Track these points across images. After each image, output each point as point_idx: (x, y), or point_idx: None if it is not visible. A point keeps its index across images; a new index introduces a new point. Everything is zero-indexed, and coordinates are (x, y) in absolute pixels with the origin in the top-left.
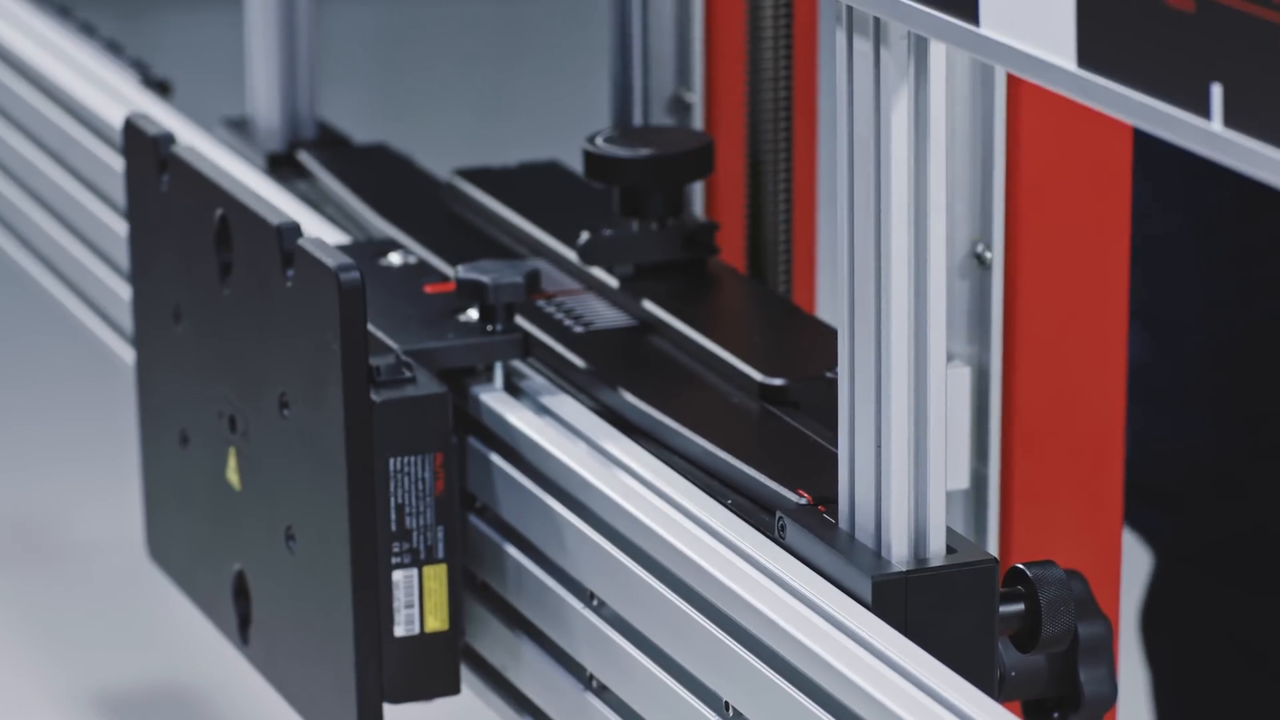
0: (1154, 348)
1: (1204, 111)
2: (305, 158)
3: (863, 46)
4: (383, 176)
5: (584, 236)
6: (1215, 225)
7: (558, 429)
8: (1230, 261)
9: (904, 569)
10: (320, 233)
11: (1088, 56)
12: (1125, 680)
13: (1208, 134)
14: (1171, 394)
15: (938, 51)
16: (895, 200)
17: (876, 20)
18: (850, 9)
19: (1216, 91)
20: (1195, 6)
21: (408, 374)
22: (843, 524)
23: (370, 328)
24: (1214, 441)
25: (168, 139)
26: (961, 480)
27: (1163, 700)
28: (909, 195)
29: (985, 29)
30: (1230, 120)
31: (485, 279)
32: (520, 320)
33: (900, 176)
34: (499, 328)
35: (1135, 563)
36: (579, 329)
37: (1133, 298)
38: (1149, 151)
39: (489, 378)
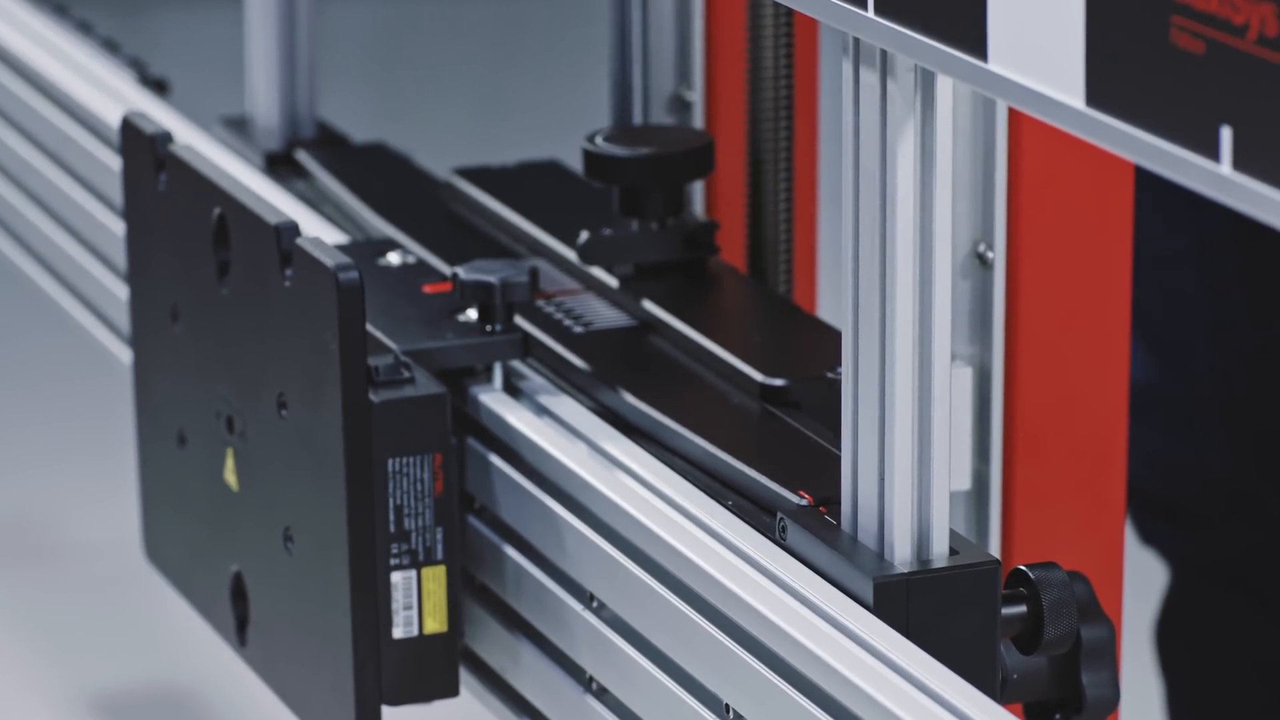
0: (1163, 368)
1: (1213, 154)
2: (304, 157)
3: (869, 79)
4: (381, 176)
5: (583, 236)
6: (1220, 245)
7: (557, 430)
8: (1236, 281)
9: (906, 570)
10: (319, 232)
11: (1096, 95)
12: (1140, 693)
13: (1216, 176)
14: (1182, 413)
15: (944, 85)
16: (901, 233)
17: (883, 53)
18: (858, 41)
19: (1226, 134)
20: (1205, 48)
21: (406, 374)
22: (844, 525)
23: (369, 328)
24: (1226, 458)
25: (165, 138)
26: (963, 481)
27: (1177, 714)
28: (915, 227)
29: (993, 65)
30: (1239, 163)
31: (492, 279)
32: (519, 320)
33: (906, 210)
34: (498, 328)
35: (1150, 577)
36: (579, 329)
37: (1140, 318)
38: (1154, 172)
39: (488, 378)
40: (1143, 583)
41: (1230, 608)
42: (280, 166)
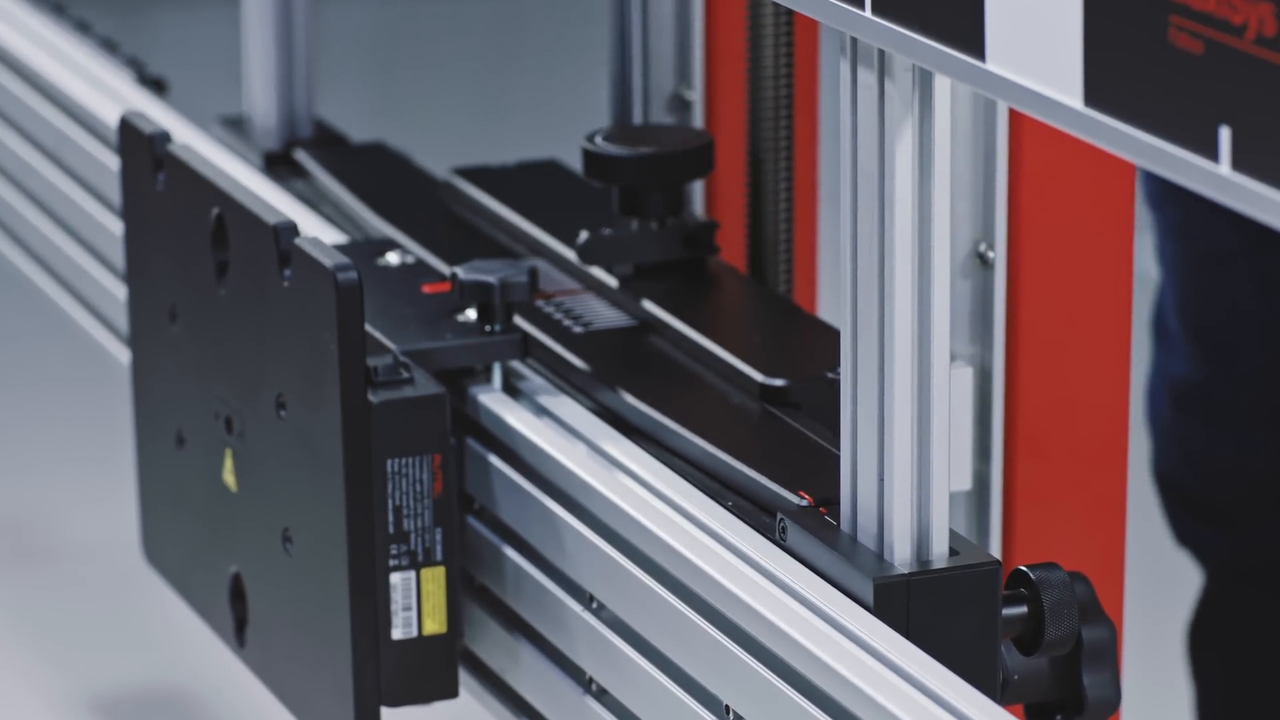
0: (1210, 366)
1: (1212, 154)
2: (302, 156)
3: (867, 79)
4: (380, 175)
5: (583, 236)
6: (1274, 243)
7: (557, 430)
8: None
9: (906, 571)
10: (317, 232)
11: (1095, 95)
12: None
13: (1215, 177)
14: (1228, 412)
15: (942, 85)
16: (899, 232)
17: (881, 53)
18: (855, 41)
19: (1225, 134)
20: (1204, 48)
21: (405, 374)
22: (844, 526)
23: (368, 328)
24: (1271, 460)
25: (163, 137)
26: (964, 481)
27: (1208, 718)
28: (913, 227)
29: (991, 65)
30: (1238, 163)
31: (491, 279)
32: (519, 320)
33: (904, 209)
34: (498, 328)
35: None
36: (578, 329)
37: (1190, 316)
38: None
39: (487, 378)
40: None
41: (1268, 611)
42: (279, 166)
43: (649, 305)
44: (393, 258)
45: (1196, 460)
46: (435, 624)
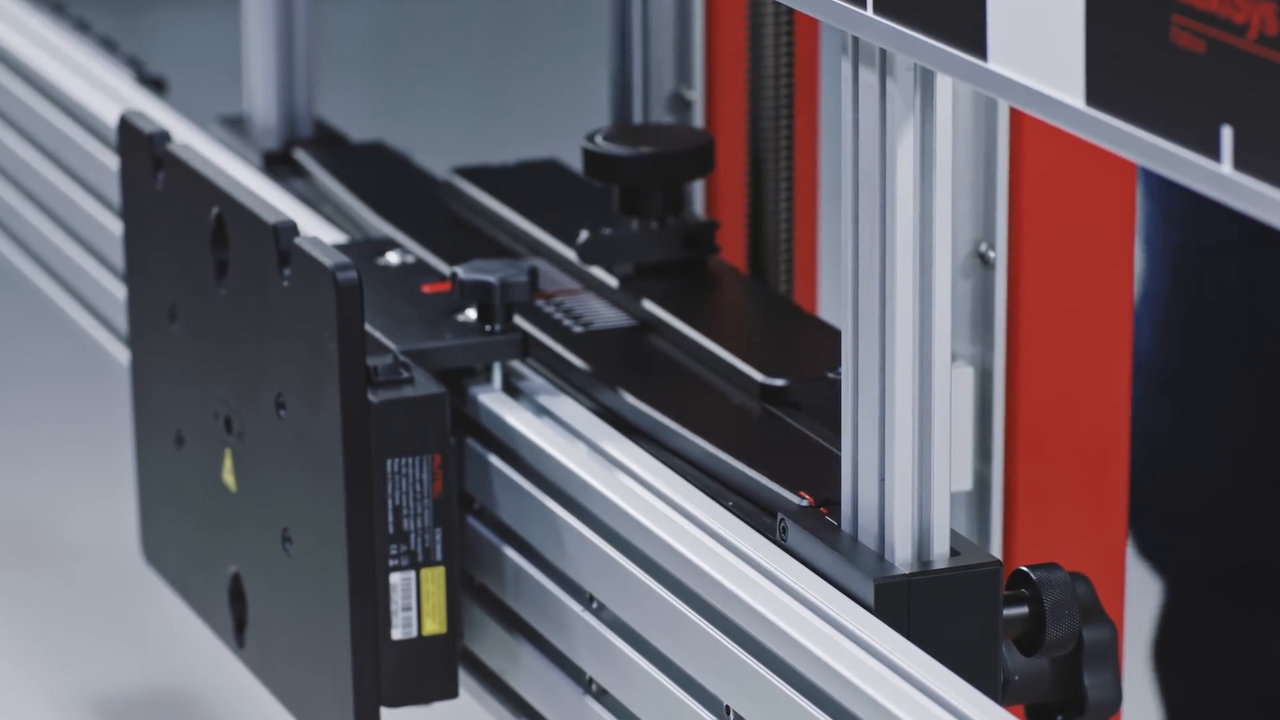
0: (1191, 361)
1: (1213, 153)
2: (302, 156)
3: (869, 78)
4: (380, 175)
5: (583, 235)
6: (1268, 237)
7: (557, 430)
8: None
9: (907, 571)
10: (317, 232)
11: (1096, 94)
12: (1143, 707)
13: (1217, 176)
14: (1202, 409)
15: (944, 84)
16: (901, 232)
17: (883, 52)
18: (856, 40)
19: (1226, 134)
20: (1206, 48)
21: (405, 374)
22: (845, 526)
23: (367, 328)
24: (1238, 461)
25: (163, 137)
26: (965, 482)
27: None
28: (914, 226)
29: (993, 64)
30: (1240, 163)
31: (491, 279)
32: (519, 320)
33: (906, 209)
34: (498, 328)
35: (1149, 587)
36: (578, 329)
37: (1175, 308)
38: None
39: (488, 378)
40: (1141, 593)
41: (1232, 620)
42: (278, 166)
43: (649, 305)
44: (393, 257)
45: (1159, 460)
46: (435, 624)
